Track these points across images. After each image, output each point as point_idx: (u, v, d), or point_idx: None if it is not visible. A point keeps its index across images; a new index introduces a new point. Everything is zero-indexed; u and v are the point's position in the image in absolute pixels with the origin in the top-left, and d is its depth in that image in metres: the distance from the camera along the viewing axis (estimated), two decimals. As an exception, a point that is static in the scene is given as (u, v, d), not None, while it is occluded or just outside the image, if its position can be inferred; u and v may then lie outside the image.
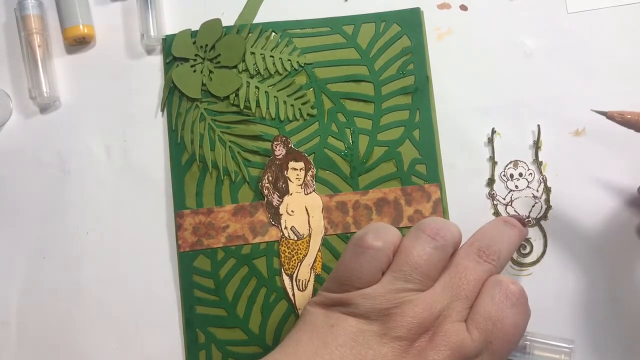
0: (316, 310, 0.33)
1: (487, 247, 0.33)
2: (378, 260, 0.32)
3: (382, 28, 0.43)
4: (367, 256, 0.32)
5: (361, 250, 0.32)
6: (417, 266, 0.32)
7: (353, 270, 0.32)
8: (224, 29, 0.43)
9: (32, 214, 0.42)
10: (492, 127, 0.41)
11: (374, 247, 0.32)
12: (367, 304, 0.31)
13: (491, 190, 0.41)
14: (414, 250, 0.32)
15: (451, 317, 0.31)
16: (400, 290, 0.31)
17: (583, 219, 0.40)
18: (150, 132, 0.43)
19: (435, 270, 0.32)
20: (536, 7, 0.43)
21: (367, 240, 0.33)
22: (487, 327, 0.31)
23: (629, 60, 0.42)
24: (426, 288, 0.32)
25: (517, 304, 0.32)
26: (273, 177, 0.41)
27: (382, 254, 0.32)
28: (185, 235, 0.40)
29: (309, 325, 0.32)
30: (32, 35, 0.43)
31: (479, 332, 0.31)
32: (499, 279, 0.32)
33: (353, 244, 0.33)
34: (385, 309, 0.31)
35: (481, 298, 0.32)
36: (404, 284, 0.31)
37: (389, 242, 0.33)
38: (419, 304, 0.31)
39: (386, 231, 0.33)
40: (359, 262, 0.32)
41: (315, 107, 0.42)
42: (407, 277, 0.32)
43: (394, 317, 0.31)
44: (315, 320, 0.32)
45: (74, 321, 0.41)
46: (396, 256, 0.33)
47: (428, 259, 0.32)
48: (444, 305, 0.31)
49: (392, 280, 0.32)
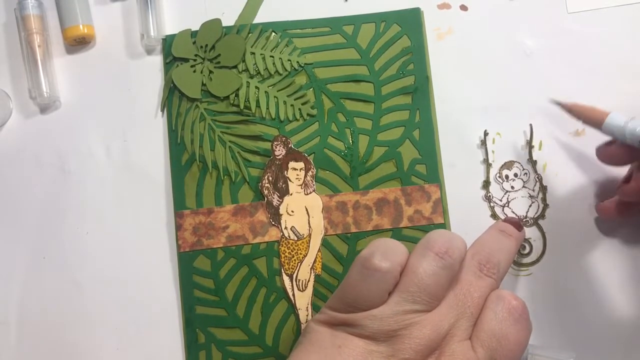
0: (321, 329, 0.33)
1: (487, 261, 0.33)
2: (385, 283, 0.32)
3: (382, 28, 0.43)
4: (374, 279, 0.32)
5: (368, 273, 0.32)
6: (425, 287, 0.31)
7: (360, 292, 0.32)
8: (224, 29, 0.43)
9: (32, 214, 0.42)
10: (485, 129, 0.41)
11: (381, 270, 0.32)
12: (374, 326, 0.31)
13: (487, 192, 0.41)
14: (421, 271, 0.32)
15: (457, 336, 0.31)
16: (408, 312, 0.31)
17: (582, 219, 0.40)
18: (150, 132, 0.43)
19: (443, 290, 0.32)
20: (536, 7, 0.43)
21: (374, 262, 0.32)
22: (491, 345, 0.31)
23: (629, 60, 0.42)
24: (433, 308, 0.32)
25: (520, 319, 0.31)
26: (273, 177, 0.41)
27: (389, 276, 0.32)
28: (185, 236, 0.40)
29: (315, 345, 0.32)
30: (32, 35, 0.43)
31: (484, 350, 0.31)
32: (501, 294, 0.32)
33: (359, 265, 0.32)
34: (393, 330, 0.31)
35: (485, 315, 0.32)
36: (412, 305, 0.31)
37: (396, 262, 0.32)
38: (427, 325, 0.31)
39: (393, 251, 0.33)
40: (366, 284, 0.32)
41: (315, 107, 0.42)
42: (415, 298, 0.31)
43: (402, 338, 0.30)
44: (322, 339, 0.32)
45: (73, 321, 0.41)
46: (403, 276, 0.32)
47: (436, 279, 0.31)
48: (450, 324, 0.31)
49: (400, 301, 0.31)
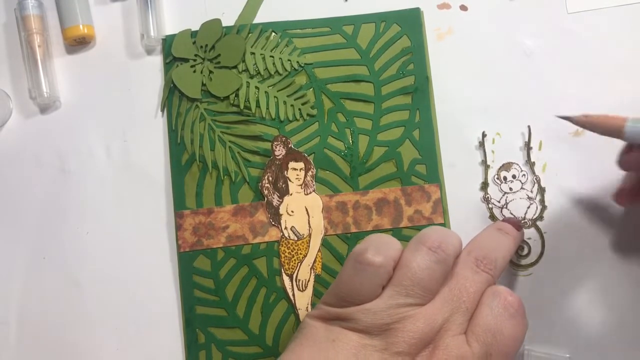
0: (316, 323, 0.33)
1: (484, 257, 0.33)
2: (379, 277, 0.32)
3: (382, 28, 0.43)
4: (367, 273, 0.32)
5: (361, 267, 0.32)
6: (418, 281, 0.31)
7: (353, 286, 0.32)
8: (224, 29, 0.43)
9: (32, 214, 0.42)
10: (484, 129, 0.41)
11: (374, 264, 0.32)
12: (367, 320, 0.31)
13: (485, 194, 0.41)
14: (415, 265, 0.32)
15: (451, 330, 0.31)
16: (402, 305, 0.31)
17: (581, 220, 0.40)
18: (150, 132, 0.43)
19: (437, 284, 0.32)
20: (536, 7, 0.43)
21: (367, 256, 0.32)
22: (487, 340, 0.31)
23: (629, 60, 0.42)
24: (427, 302, 0.32)
25: (516, 315, 0.32)
26: (273, 177, 0.41)
27: (382, 270, 0.32)
28: (185, 236, 0.40)
29: (309, 339, 0.32)
30: (32, 36, 0.43)
31: (479, 344, 0.31)
32: (497, 290, 0.32)
33: (353, 260, 0.33)
34: (386, 324, 0.31)
35: (480, 310, 0.32)
36: (405, 298, 0.31)
37: (389, 257, 0.32)
38: (420, 318, 0.31)
39: (386, 246, 0.33)
40: (359, 278, 0.32)
41: (315, 107, 0.42)
42: (408, 292, 0.31)
43: (395, 332, 0.31)
44: (316, 334, 0.32)
45: (73, 321, 0.41)
46: (397, 270, 0.32)
47: (430, 273, 0.32)
48: (444, 318, 0.31)
49: (393, 295, 0.31)
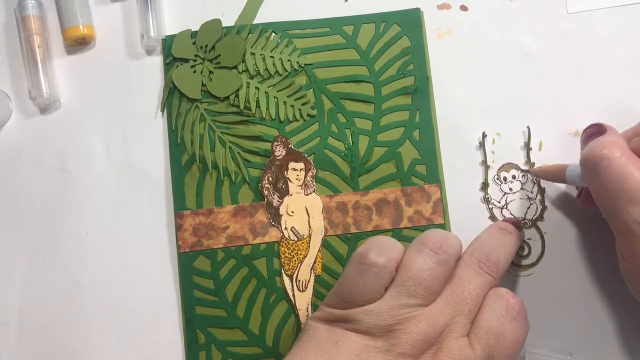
0: (319, 325, 0.33)
1: (486, 258, 0.34)
2: (381, 278, 0.32)
3: (382, 28, 0.43)
4: (370, 274, 0.32)
5: (364, 268, 0.32)
6: (420, 281, 0.32)
7: (356, 287, 0.32)
8: (224, 30, 0.43)
9: (32, 214, 0.42)
10: (484, 130, 0.41)
11: (377, 265, 0.32)
12: (370, 321, 0.31)
13: (485, 194, 0.41)
14: (417, 265, 0.32)
15: (454, 332, 0.31)
16: (404, 306, 0.31)
17: (580, 220, 0.40)
18: (150, 132, 0.43)
19: (439, 284, 0.32)
20: (536, 7, 0.43)
21: (369, 257, 0.32)
22: (489, 342, 0.31)
23: (629, 60, 0.42)
24: (429, 303, 0.32)
25: (518, 317, 0.32)
26: (273, 177, 0.41)
27: (385, 271, 0.32)
28: (185, 236, 0.40)
29: (312, 341, 0.32)
30: (32, 36, 0.43)
31: (481, 347, 0.31)
32: (499, 292, 0.32)
33: (355, 261, 0.33)
34: (389, 325, 0.31)
35: (483, 312, 0.32)
36: (408, 299, 0.31)
37: (392, 258, 0.32)
38: (423, 320, 0.31)
39: (389, 247, 0.33)
40: (362, 279, 0.32)
41: (315, 108, 0.42)
42: (411, 293, 0.31)
43: (398, 333, 0.31)
44: (319, 335, 0.32)
45: (73, 321, 0.41)
46: (399, 271, 0.32)
47: (431, 273, 0.32)
48: (447, 320, 0.31)
49: (396, 296, 0.32)
